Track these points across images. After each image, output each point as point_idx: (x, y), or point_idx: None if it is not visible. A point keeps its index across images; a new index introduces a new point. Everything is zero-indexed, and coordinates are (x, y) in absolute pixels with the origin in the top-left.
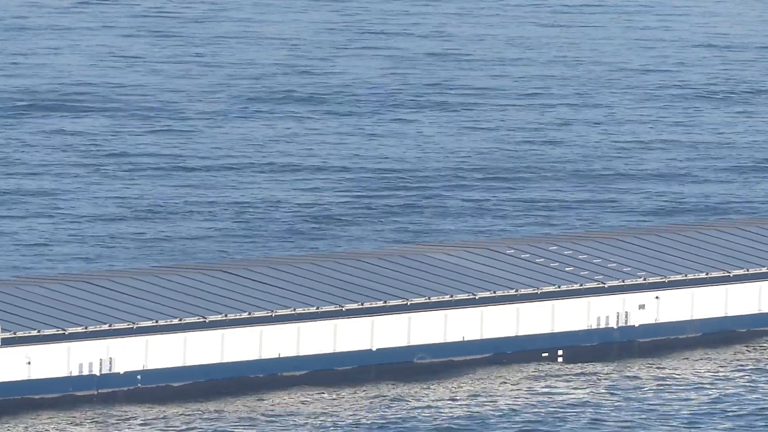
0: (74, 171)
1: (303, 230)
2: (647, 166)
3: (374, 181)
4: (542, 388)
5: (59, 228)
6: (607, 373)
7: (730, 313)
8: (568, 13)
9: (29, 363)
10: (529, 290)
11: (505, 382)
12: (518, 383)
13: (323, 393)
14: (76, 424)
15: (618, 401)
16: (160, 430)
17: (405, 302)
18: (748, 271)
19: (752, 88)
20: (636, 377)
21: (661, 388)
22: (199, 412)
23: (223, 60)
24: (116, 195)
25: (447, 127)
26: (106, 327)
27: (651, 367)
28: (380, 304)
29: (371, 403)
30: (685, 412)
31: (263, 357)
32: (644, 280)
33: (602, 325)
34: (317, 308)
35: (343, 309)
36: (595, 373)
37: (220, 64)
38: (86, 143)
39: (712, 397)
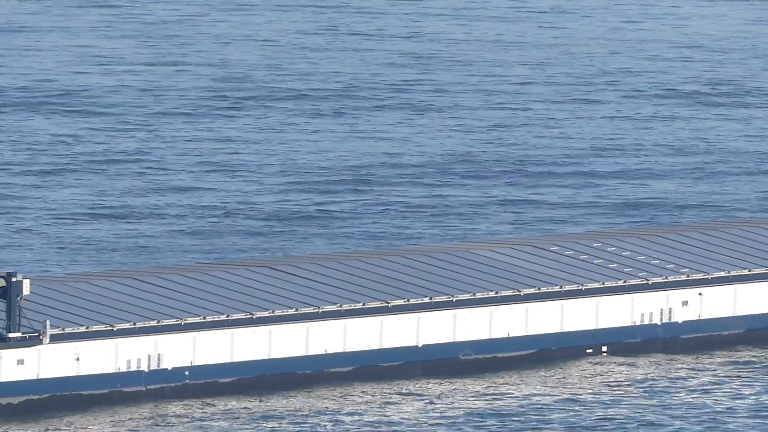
0: (38, 171)
1: (267, 231)
2: (626, 165)
3: (345, 178)
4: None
5: (22, 227)
6: (646, 372)
7: None
8: (548, 13)
9: (78, 359)
10: (574, 287)
11: (551, 380)
12: (563, 379)
13: (368, 388)
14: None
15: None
16: (209, 423)
17: (450, 299)
18: None
19: (734, 89)
20: (680, 377)
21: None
22: (247, 408)
23: (195, 60)
24: (81, 195)
25: (422, 127)
26: (154, 323)
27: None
28: (426, 300)
29: (416, 399)
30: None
31: (310, 353)
32: (687, 276)
33: (646, 322)
34: (363, 304)
35: (389, 305)
36: (636, 367)
37: (192, 65)
38: (54, 143)
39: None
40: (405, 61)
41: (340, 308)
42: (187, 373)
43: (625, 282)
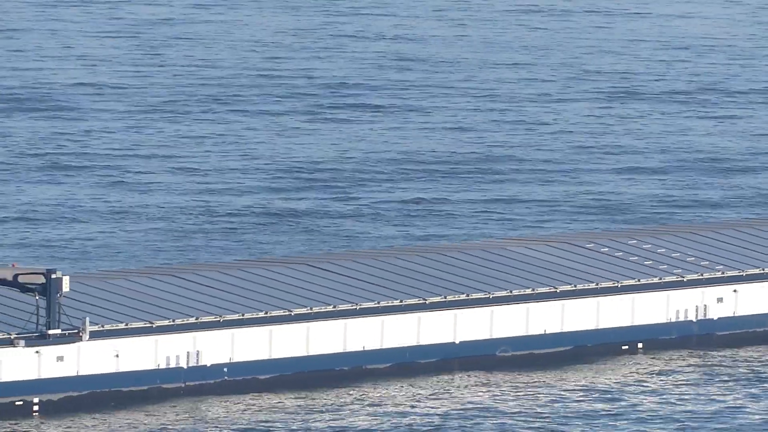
0: (10, 170)
1: (242, 229)
2: (608, 165)
3: (329, 179)
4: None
5: None
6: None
7: None
8: (532, 13)
9: (117, 356)
10: (609, 284)
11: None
12: (598, 376)
13: (405, 385)
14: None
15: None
16: (247, 419)
17: (487, 295)
18: None
19: (718, 89)
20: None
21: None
22: (284, 404)
23: (173, 61)
24: (56, 194)
25: (404, 128)
26: (192, 320)
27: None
28: (463, 297)
29: (451, 394)
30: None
31: (348, 350)
32: (722, 273)
33: (681, 318)
34: (401, 301)
35: (427, 302)
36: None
37: (169, 65)
38: (22, 142)
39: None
40: (385, 62)
41: (377, 305)
42: (225, 369)
43: (660, 279)
